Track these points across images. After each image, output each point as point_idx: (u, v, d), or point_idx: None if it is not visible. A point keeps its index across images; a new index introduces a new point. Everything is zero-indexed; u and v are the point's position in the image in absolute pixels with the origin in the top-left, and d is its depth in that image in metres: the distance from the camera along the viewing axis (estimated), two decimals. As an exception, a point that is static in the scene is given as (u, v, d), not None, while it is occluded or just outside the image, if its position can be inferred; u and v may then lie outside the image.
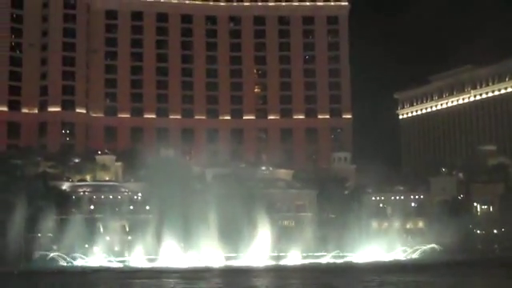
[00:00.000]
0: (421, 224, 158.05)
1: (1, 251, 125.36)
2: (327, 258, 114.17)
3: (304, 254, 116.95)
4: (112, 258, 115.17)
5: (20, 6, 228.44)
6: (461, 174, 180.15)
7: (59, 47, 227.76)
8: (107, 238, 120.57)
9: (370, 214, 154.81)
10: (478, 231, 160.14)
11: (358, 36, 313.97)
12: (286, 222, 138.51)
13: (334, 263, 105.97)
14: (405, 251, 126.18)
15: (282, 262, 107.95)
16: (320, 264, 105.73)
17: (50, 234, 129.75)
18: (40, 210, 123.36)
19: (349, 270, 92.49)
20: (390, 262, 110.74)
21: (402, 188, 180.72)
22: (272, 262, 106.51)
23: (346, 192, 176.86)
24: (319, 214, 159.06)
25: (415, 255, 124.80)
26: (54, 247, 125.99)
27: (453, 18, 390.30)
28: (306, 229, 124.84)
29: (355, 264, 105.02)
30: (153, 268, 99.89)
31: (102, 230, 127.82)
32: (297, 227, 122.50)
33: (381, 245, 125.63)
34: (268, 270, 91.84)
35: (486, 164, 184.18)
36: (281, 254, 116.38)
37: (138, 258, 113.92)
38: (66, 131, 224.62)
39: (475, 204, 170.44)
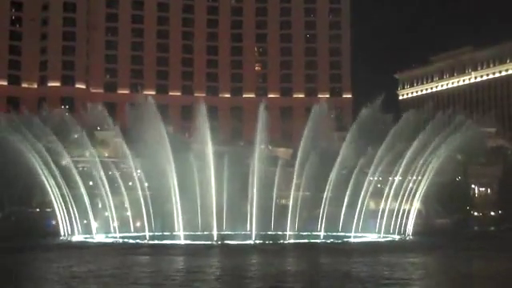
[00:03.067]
0: (418, 205, 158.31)
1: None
2: (324, 237, 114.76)
3: (301, 233, 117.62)
4: (110, 234, 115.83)
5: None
6: (459, 156, 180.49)
7: (59, 22, 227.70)
8: (106, 214, 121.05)
9: (367, 194, 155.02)
10: (476, 213, 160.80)
11: (360, 16, 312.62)
12: (283, 201, 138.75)
13: (332, 242, 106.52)
14: (401, 232, 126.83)
15: (280, 241, 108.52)
16: (317, 243, 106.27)
17: (49, 209, 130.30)
18: (39, 185, 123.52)
19: (346, 249, 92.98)
20: (386, 242, 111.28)
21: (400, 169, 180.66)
22: (269, 241, 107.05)
23: (344, 172, 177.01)
24: (317, 193, 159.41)
25: (412, 236, 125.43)
26: (53, 222, 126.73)
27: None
28: (304, 207, 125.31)
29: (352, 244, 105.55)
30: (152, 244, 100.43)
31: (100, 205, 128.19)
32: (294, 206, 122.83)
33: (377, 225, 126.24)
34: (265, 249, 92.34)
35: (485, 146, 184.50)
36: (278, 233, 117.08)
37: (136, 234, 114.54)
38: (65, 106, 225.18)
39: (473, 186, 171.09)
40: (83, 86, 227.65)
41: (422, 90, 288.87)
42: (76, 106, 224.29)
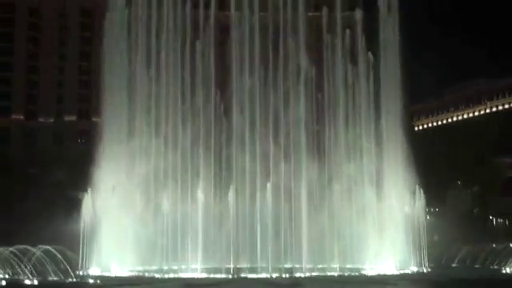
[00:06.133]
0: (436, 237, 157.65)
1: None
2: (342, 270, 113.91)
3: (318, 266, 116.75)
4: (127, 268, 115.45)
5: (37, 15, 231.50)
6: (477, 187, 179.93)
7: (76, 56, 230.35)
8: (121, 246, 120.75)
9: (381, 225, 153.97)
10: (494, 245, 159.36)
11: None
12: (299, 232, 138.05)
13: (350, 275, 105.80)
14: (420, 264, 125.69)
15: (296, 274, 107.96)
16: (335, 276, 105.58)
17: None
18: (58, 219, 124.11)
19: (362, 282, 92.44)
20: (404, 274, 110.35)
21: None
22: (285, 274, 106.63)
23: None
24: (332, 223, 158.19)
25: (430, 269, 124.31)
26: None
27: (469, 30, 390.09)
28: (320, 239, 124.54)
29: (370, 276, 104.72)
30: (171, 278, 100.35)
31: (116, 238, 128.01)
32: (310, 237, 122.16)
33: (395, 257, 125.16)
34: (281, 283, 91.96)
35: (503, 176, 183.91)
36: (295, 266, 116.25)
37: (157, 268, 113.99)
38: (81, 140, 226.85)
39: (491, 217, 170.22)
40: (99, 120, 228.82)
41: (436, 122, 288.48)
42: (92, 139, 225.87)
